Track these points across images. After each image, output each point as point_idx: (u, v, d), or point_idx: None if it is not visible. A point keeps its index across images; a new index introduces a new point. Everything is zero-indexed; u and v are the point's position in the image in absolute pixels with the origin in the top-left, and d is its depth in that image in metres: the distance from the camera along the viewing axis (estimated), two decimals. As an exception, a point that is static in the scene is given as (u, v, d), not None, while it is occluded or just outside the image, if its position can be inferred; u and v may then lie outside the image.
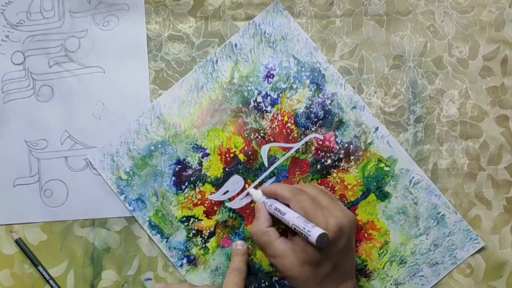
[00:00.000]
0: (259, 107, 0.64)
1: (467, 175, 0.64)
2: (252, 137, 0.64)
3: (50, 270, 0.64)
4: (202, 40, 0.65)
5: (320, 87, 0.64)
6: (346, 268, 0.57)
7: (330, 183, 0.64)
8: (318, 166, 0.64)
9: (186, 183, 0.64)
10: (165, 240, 0.64)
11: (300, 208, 0.56)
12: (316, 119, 0.64)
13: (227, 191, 0.64)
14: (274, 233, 0.57)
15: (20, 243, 0.64)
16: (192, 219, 0.64)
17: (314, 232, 0.52)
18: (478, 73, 0.64)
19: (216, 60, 0.64)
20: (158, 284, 0.59)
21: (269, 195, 0.60)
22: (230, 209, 0.64)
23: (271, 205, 0.58)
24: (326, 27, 0.64)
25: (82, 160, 0.64)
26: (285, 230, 0.59)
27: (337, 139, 0.64)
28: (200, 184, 0.64)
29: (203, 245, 0.64)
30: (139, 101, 0.64)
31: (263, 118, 0.64)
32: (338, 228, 0.54)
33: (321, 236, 0.52)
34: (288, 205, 0.57)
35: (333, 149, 0.64)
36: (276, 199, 0.59)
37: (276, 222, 0.59)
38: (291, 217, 0.55)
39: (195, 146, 0.64)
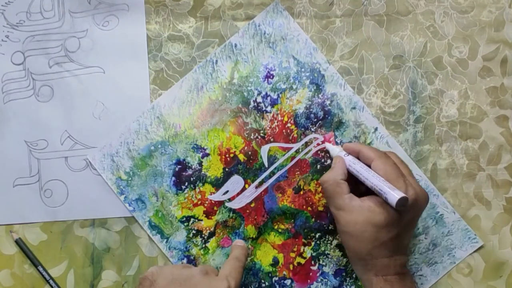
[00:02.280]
0: (259, 107, 0.64)
1: (466, 175, 0.64)
2: (252, 137, 0.64)
3: (50, 270, 0.64)
4: (202, 40, 0.64)
5: (320, 87, 0.64)
6: (403, 241, 0.57)
7: (330, 183, 0.64)
8: (318, 166, 0.64)
9: (186, 183, 0.64)
10: (165, 240, 0.64)
11: (383, 170, 0.56)
12: (316, 120, 0.64)
13: (227, 191, 0.64)
14: (346, 187, 0.57)
15: (20, 243, 0.64)
16: (192, 219, 0.64)
17: (394, 194, 0.52)
18: (477, 73, 0.64)
19: (216, 60, 0.64)
20: (151, 269, 0.58)
21: (351, 151, 0.60)
22: (230, 209, 0.64)
23: (351, 161, 0.58)
24: (326, 27, 0.64)
25: (82, 160, 0.64)
26: (356, 193, 0.58)
27: (336, 140, 0.64)
28: (200, 184, 0.64)
29: (203, 245, 0.64)
30: (139, 101, 0.64)
31: (263, 118, 0.64)
32: (414, 199, 0.54)
33: (402, 200, 0.52)
34: (368, 166, 0.57)
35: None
36: (357, 158, 0.59)
37: (350, 181, 0.58)
38: (372, 176, 0.55)
39: (195, 146, 0.64)
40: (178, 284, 0.56)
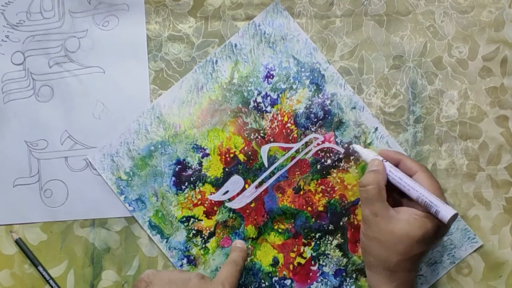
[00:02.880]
0: (259, 107, 0.64)
1: (466, 176, 0.64)
2: (252, 137, 0.64)
3: (50, 270, 0.64)
4: (202, 40, 0.64)
5: (320, 87, 0.64)
6: (419, 261, 0.56)
7: (330, 183, 0.64)
8: (318, 166, 0.64)
9: (186, 183, 0.64)
10: (165, 240, 0.64)
11: (428, 183, 0.55)
12: (316, 119, 0.64)
13: (227, 191, 0.64)
14: (385, 194, 0.55)
15: (20, 243, 0.64)
16: (192, 219, 0.64)
17: (448, 209, 0.52)
18: (477, 73, 0.64)
19: (216, 60, 0.64)
20: (147, 271, 0.59)
21: (390, 159, 0.58)
22: (230, 209, 0.64)
23: (392, 167, 0.57)
24: (326, 27, 0.64)
25: (82, 160, 0.64)
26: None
27: (337, 139, 0.64)
28: (200, 184, 0.64)
29: (203, 245, 0.64)
30: (139, 101, 0.64)
31: (263, 118, 0.64)
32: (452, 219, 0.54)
33: (454, 216, 0.51)
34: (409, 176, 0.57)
35: (333, 149, 0.64)
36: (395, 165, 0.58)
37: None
38: (419, 187, 0.54)
39: (195, 146, 0.64)
40: (174, 287, 0.56)
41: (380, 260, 0.55)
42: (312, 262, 0.65)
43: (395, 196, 0.58)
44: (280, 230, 0.64)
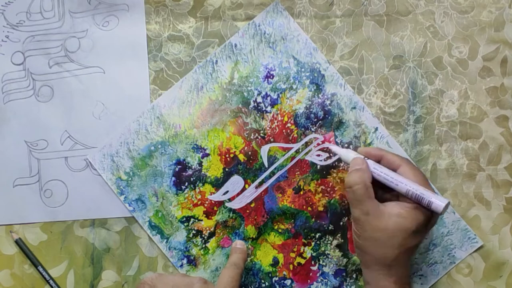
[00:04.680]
0: (259, 108, 0.64)
1: (466, 176, 0.64)
2: (252, 137, 0.64)
3: (50, 270, 0.64)
4: (202, 41, 0.64)
5: (320, 87, 0.64)
6: (413, 254, 0.57)
7: (330, 183, 0.64)
8: (318, 166, 0.64)
9: (186, 184, 0.64)
10: (165, 240, 0.64)
11: (413, 175, 0.55)
12: (316, 120, 0.64)
13: (227, 191, 0.64)
14: (372, 191, 0.55)
15: (20, 244, 0.64)
16: (192, 219, 0.64)
17: (440, 199, 0.51)
18: (477, 73, 0.64)
19: (216, 61, 0.64)
20: (150, 274, 0.59)
21: (372, 156, 0.58)
22: (230, 209, 0.64)
23: (375, 164, 0.57)
24: (326, 27, 0.64)
25: (82, 161, 0.64)
26: None
27: (337, 140, 0.64)
28: (200, 184, 0.64)
29: (203, 246, 0.64)
30: (139, 102, 0.64)
31: (263, 118, 0.64)
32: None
33: (447, 205, 0.51)
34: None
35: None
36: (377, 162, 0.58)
37: None
38: (407, 181, 0.54)
39: (195, 146, 0.64)
40: None
41: (378, 257, 0.55)
42: (312, 262, 0.65)
43: (380, 192, 0.58)
44: (280, 230, 0.64)
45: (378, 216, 0.54)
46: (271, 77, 0.64)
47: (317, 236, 0.64)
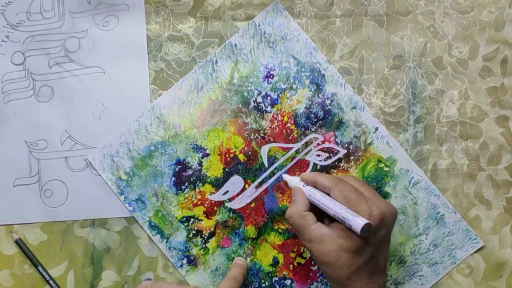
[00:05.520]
0: (259, 108, 0.64)
1: (466, 176, 0.64)
2: (252, 137, 0.64)
3: (50, 270, 0.64)
4: (202, 41, 0.65)
5: (320, 87, 0.64)
6: (380, 260, 0.56)
7: (330, 183, 0.64)
8: (318, 166, 0.64)
9: (186, 184, 0.64)
10: (165, 240, 0.64)
11: (342, 197, 0.55)
12: (316, 119, 0.64)
13: (227, 191, 0.64)
14: (312, 217, 0.56)
15: (20, 244, 0.64)
16: (192, 219, 0.64)
17: (358, 221, 0.52)
18: (478, 73, 0.64)
19: (216, 61, 0.64)
20: (145, 282, 0.59)
21: (308, 182, 0.59)
22: (230, 210, 0.64)
23: (310, 191, 0.58)
24: (326, 27, 0.64)
25: (82, 161, 0.64)
26: (320, 218, 0.58)
27: (337, 139, 0.64)
28: (200, 184, 0.64)
29: (203, 246, 0.64)
30: (139, 102, 0.64)
31: (263, 118, 0.64)
32: (381, 217, 0.54)
33: (366, 226, 0.52)
34: (328, 194, 0.57)
35: (333, 149, 0.64)
36: (315, 187, 0.58)
37: (312, 209, 0.58)
38: (333, 205, 0.55)
39: (195, 146, 0.64)
40: None
41: (333, 279, 0.55)
42: (312, 262, 0.64)
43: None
44: (280, 230, 0.64)
45: (320, 242, 0.54)
46: (271, 77, 0.64)
47: (317, 236, 0.64)
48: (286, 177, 0.63)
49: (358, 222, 0.52)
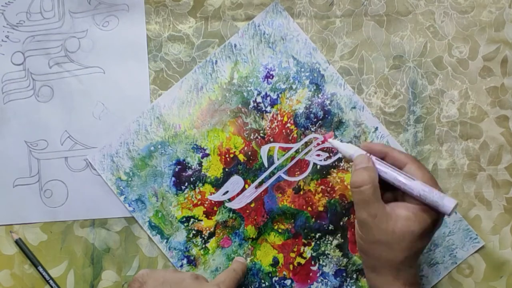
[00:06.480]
0: (259, 108, 0.64)
1: (467, 176, 0.64)
2: (251, 137, 0.64)
3: (50, 270, 0.64)
4: (202, 41, 0.65)
5: (320, 87, 0.64)
6: (420, 255, 0.54)
7: (330, 183, 0.64)
8: (318, 166, 0.64)
9: (186, 184, 0.64)
10: (165, 240, 0.64)
11: (420, 175, 0.52)
12: (315, 119, 0.64)
13: (227, 192, 0.64)
14: (379, 192, 0.52)
15: (20, 244, 0.64)
16: (192, 219, 0.64)
17: (451, 200, 0.50)
18: (478, 73, 0.64)
19: (216, 61, 0.64)
20: (141, 271, 0.58)
21: (375, 153, 0.55)
22: (230, 210, 0.64)
23: (381, 163, 0.53)
24: (326, 28, 0.64)
25: (82, 161, 0.64)
26: None
27: (336, 139, 0.64)
28: (200, 184, 0.64)
29: (203, 246, 0.64)
30: (139, 102, 0.64)
31: (262, 118, 0.64)
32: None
33: (455, 206, 0.50)
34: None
35: (333, 149, 0.64)
36: (382, 159, 0.55)
37: None
38: (414, 181, 0.51)
39: (195, 146, 0.64)
40: (168, 287, 0.56)
41: (386, 261, 0.53)
42: (312, 262, 0.64)
43: (381, 190, 0.54)
44: (280, 230, 0.64)
45: (385, 219, 0.51)
46: (271, 77, 0.64)
47: (317, 236, 0.64)
48: (336, 143, 0.58)
49: (451, 201, 0.49)
